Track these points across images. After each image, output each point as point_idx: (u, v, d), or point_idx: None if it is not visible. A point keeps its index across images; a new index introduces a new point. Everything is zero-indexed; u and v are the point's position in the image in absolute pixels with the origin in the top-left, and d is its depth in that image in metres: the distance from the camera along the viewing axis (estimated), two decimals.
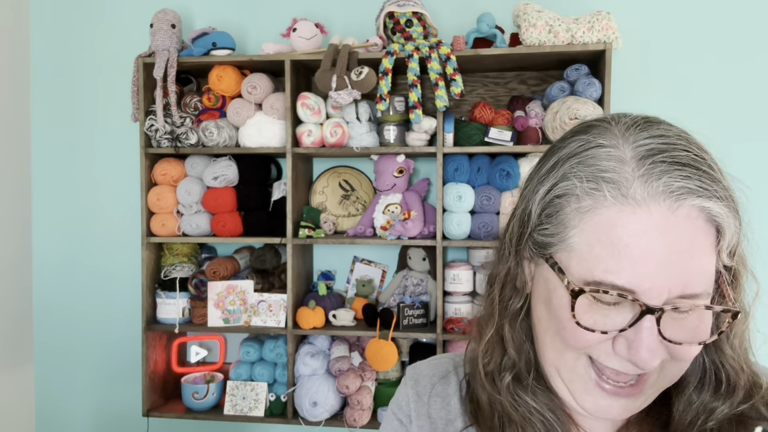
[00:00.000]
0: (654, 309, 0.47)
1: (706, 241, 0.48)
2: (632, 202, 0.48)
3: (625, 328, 0.49)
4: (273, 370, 1.96)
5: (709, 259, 0.49)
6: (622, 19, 1.89)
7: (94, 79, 2.21)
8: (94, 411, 2.27)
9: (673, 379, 0.53)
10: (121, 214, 2.21)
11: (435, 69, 1.72)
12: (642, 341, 0.48)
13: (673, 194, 0.47)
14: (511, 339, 0.60)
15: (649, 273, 0.47)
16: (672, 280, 0.47)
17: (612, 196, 0.48)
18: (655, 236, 0.47)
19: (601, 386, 0.52)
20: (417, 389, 0.70)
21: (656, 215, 0.47)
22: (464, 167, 1.82)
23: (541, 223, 0.54)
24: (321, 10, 2.07)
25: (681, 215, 0.47)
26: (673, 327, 0.49)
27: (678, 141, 0.50)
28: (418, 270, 1.97)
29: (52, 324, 2.27)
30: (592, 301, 0.50)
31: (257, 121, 1.88)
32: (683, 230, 0.47)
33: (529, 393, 0.59)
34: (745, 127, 1.90)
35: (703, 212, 0.48)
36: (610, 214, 0.48)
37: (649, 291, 0.47)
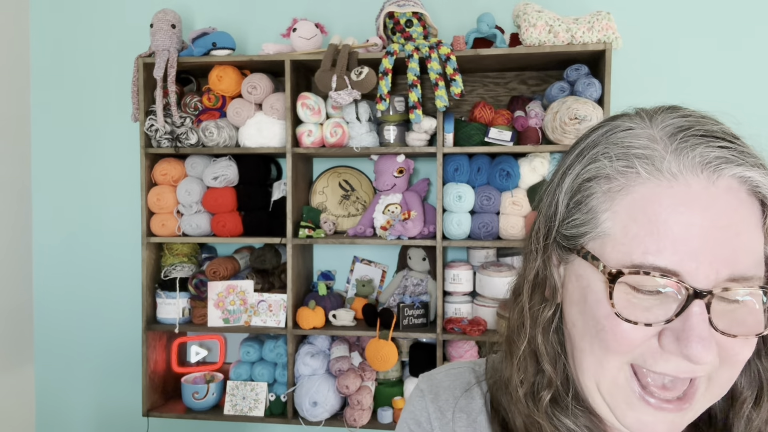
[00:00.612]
0: (703, 292, 0.43)
1: (752, 216, 0.44)
2: (668, 176, 0.44)
3: (672, 319, 0.44)
4: (273, 370, 1.96)
5: (757, 238, 0.44)
6: (622, 19, 1.90)
7: (94, 79, 2.21)
8: (94, 411, 2.27)
9: (722, 389, 0.47)
10: (121, 214, 2.21)
11: (435, 69, 1.72)
12: (693, 329, 0.43)
13: (710, 165, 0.44)
14: (545, 352, 0.54)
15: (693, 251, 0.43)
16: (719, 259, 0.43)
17: (646, 171, 0.45)
18: (696, 211, 0.43)
19: (645, 400, 0.46)
20: (438, 404, 0.62)
21: (695, 188, 0.44)
22: (464, 167, 1.82)
23: (569, 214, 0.50)
24: (321, 10, 2.07)
25: (722, 187, 0.44)
26: (725, 318, 0.44)
27: (706, 117, 0.48)
28: (418, 270, 1.97)
29: (52, 324, 2.27)
30: (630, 294, 0.45)
31: (257, 121, 1.88)
32: (726, 203, 0.43)
33: (570, 415, 0.53)
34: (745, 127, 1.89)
35: (744, 183, 0.44)
36: (645, 190, 0.45)
37: (695, 272, 0.43)
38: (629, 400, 0.47)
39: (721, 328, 0.43)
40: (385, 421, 1.85)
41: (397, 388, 1.93)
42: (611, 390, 0.48)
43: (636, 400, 0.47)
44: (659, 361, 0.45)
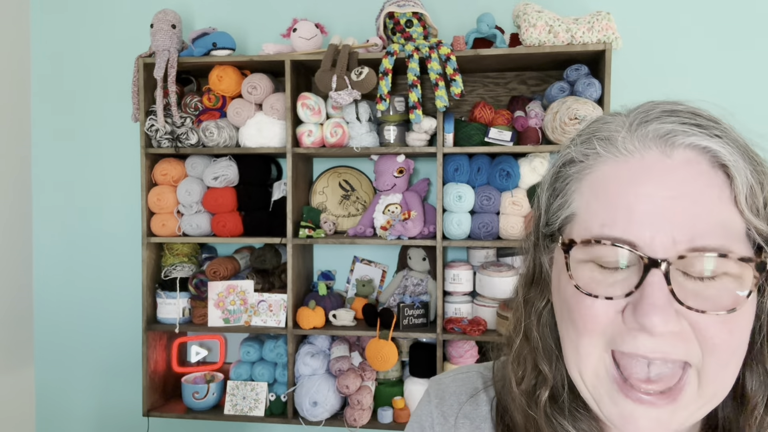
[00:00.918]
0: (658, 261, 0.42)
1: (714, 187, 0.43)
2: (625, 153, 0.46)
3: (632, 291, 0.43)
4: (273, 370, 1.96)
5: (723, 210, 0.43)
6: (622, 19, 1.90)
7: (94, 80, 2.21)
8: (95, 411, 2.27)
9: (717, 388, 0.45)
10: (121, 214, 2.21)
11: (435, 69, 1.72)
12: (647, 297, 0.42)
13: (664, 137, 0.44)
14: (540, 347, 0.54)
15: (647, 220, 0.43)
16: (675, 228, 0.42)
17: (605, 150, 0.47)
18: (649, 182, 0.43)
19: (626, 393, 0.45)
20: (442, 409, 0.62)
21: (649, 160, 0.44)
22: (464, 167, 1.82)
23: (549, 203, 0.51)
24: (321, 10, 2.08)
25: (678, 159, 0.44)
26: (691, 294, 0.43)
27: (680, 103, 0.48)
28: (418, 270, 1.97)
29: (52, 324, 2.27)
30: (595, 271, 0.45)
31: (257, 122, 1.88)
32: (682, 174, 0.43)
33: (568, 418, 0.52)
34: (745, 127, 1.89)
35: (704, 154, 0.44)
36: (605, 168, 0.47)
37: (651, 241, 0.42)
38: (611, 393, 0.46)
39: (687, 303, 0.42)
40: (385, 421, 1.86)
41: (397, 388, 1.93)
42: (594, 382, 0.47)
43: (617, 392, 0.45)
44: (627, 339, 0.44)
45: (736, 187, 0.43)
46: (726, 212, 0.43)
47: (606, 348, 0.46)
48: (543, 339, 0.54)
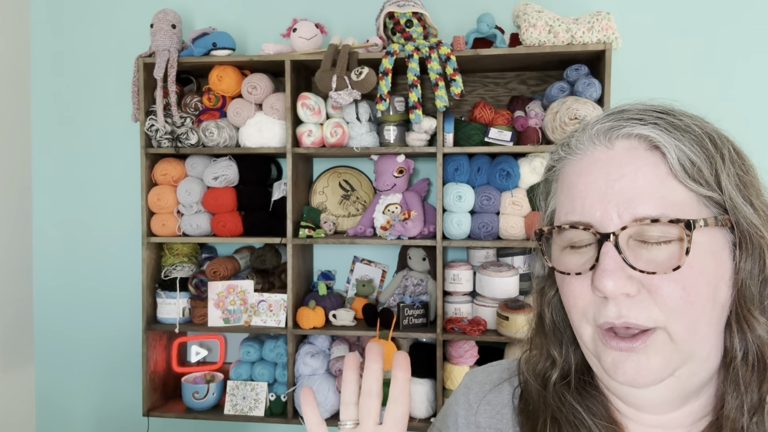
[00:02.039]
0: (607, 234, 0.49)
1: (650, 166, 0.50)
2: (578, 152, 0.54)
3: (594, 264, 0.50)
4: (273, 370, 1.96)
5: (661, 184, 0.49)
6: (622, 19, 1.90)
7: (94, 80, 2.21)
8: (95, 411, 2.27)
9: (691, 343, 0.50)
10: (121, 214, 2.21)
11: (435, 69, 1.72)
12: (601, 265, 0.49)
13: (606, 133, 0.53)
14: (552, 332, 0.61)
15: (596, 202, 0.51)
16: (619, 205, 0.49)
17: (566, 153, 0.56)
18: (596, 171, 0.52)
19: (611, 344, 0.51)
20: (468, 396, 0.69)
21: (596, 155, 0.53)
22: (464, 167, 1.82)
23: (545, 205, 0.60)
24: (321, 10, 2.08)
25: (619, 149, 0.51)
26: (642, 259, 0.49)
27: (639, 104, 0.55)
28: (418, 270, 1.97)
29: (52, 324, 2.27)
30: (570, 253, 0.54)
31: (257, 121, 1.88)
32: (622, 160, 0.51)
33: (575, 394, 0.59)
34: (745, 127, 1.90)
35: (640, 140, 0.51)
36: (567, 168, 0.55)
37: (601, 219, 0.50)
38: (604, 348, 0.52)
39: (638, 266, 0.49)
40: None
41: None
42: (592, 345, 0.54)
43: (605, 346, 0.52)
44: (601, 309, 0.51)
45: (669, 161, 0.49)
46: (665, 186, 0.49)
47: (592, 323, 0.53)
48: (554, 325, 0.62)
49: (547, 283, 0.62)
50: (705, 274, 0.49)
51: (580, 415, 0.57)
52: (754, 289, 0.51)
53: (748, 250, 0.50)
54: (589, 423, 0.56)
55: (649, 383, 0.50)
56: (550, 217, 0.59)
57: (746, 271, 0.51)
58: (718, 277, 0.50)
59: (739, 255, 0.51)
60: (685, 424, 0.56)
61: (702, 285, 0.49)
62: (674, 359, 0.50)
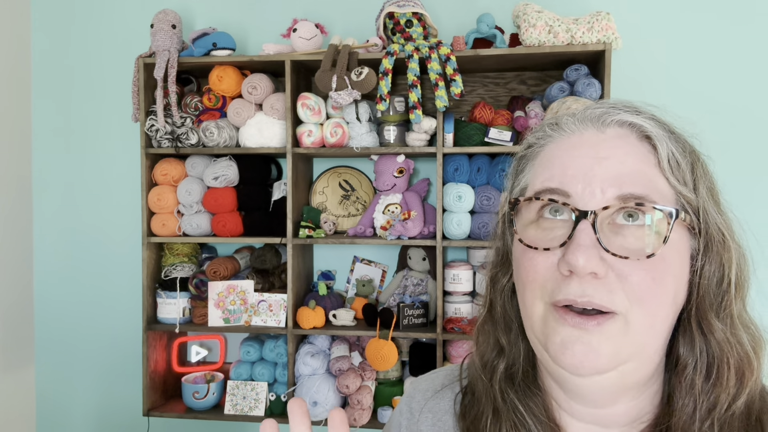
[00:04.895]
0: (587, 212, 0.48)
1: (640, 153, 0.50)
2: (567, 131, 0.54)
3: (566, 241, 0.49)
4: (273, 370, 1.96)
5: (648, 170, 0.49)
6: (622, 19, 1.90)
7: (94, 80, 2.21)
8: (95, 410, 2.27)
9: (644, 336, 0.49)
10: (121, 214, 2.21)
11: (435, 69, 1.73)
12: (575, 240, 0.48)
13: (599, 118, 0.53)
14: (502, 319, 0.60)
15: (580, 175, 0.49)
16: (604, 181, 0.48)
17: (552, 130, 0.55)
18: (584, 148, 0.51)
19: (563, 318, 0.49)
20: (410, 405, 0.68)
21: (585, 135, 0.52)
22: (464, 167, 1.82)
23: (512, 185, 0.59)
24: (321, 10, 2.08)
25: (610, 134, 0.51)
26: (617, 242, 0.48)
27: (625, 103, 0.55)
28: (418, 270, 1.97)
29: (52, 324, 2.27)
30: (536, 224, 0.52)
31: (257, 122, 1.88)
32: (612, 143, 0.50)
33: (518, 391, 0.58)
34: (745, 126, 1.90)
35: (632, 129, 0.51)
36: (552, 145, 0.54)
37: (582, 193, 0.49)
38: (554, 326, 0.50)
39: (611, 249, 0.48)
40: (385, 420, 1.86)
41: (397, 388, 1.93)
42: (541, 326, 0.52)
43: (557, 323, 0.50)
44: (561, 286, 0.49)
45: (659, 154, 0.49)
46: (651, 173, 0.49)
47: (547, 301, 0.51)
48: (504, 312, 0.60)
49: (501, 269, 0.60)
50: (672, 269, 0.49)
51: (521, 414, 0.56)
52: (714, 296, 0.51)
53: (712, 256, 0.51)
54: (529, 423, 0.56)
55: (594, 371, 0.49)
56: (518, 194, 0.56)
57: (708, 276, 0.51)
58: (681, 277, 0.50)
59: (703, 260, 0.51)
60: (621, 423, 0.55)
61: (669, 279, 0.49)
62: (624, 350, 0.49)
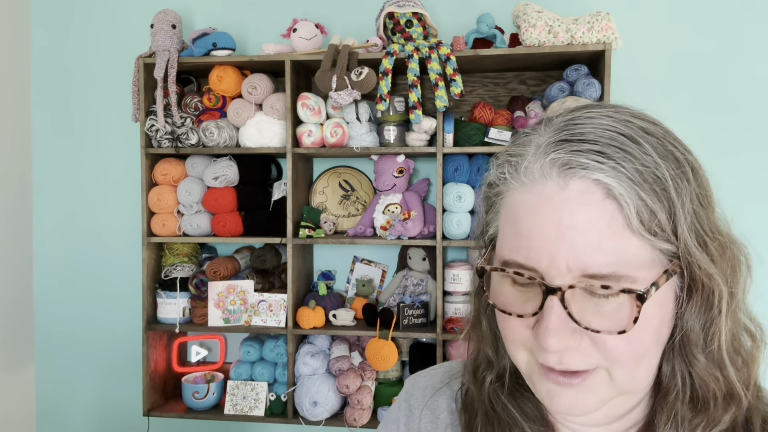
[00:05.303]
0: (553, 288, 0.46)
1: (605, 217, 0.45)
2: (528, 181, 0.48)
3: (537, 311, 0.47)
4: (273, 370, 1.96)
5: (616, 238, 0.45)
6: (622, 19, 1.90)
7: (94, 80, 2.22)
8: (95, 410, 2.27)
9: (630, 382, 0.49)
10: (121, 214, 2.21)
11: (435, 69, 1.73)
12: (544, 320, 0.46)
13: (561, 168, 0.47)
14: (488, 333, 0.59)
15: (544, 249, 0.46)
16: (569, 258, 0.45)
17: (511, 177, 0.50)
18: (547, 212, 0.46)
19: (547, 376, 0.50)
20: (410, 402, 0.68)
21: (548, 191, 0.47)
22: (464, 167, 1.82)
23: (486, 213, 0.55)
24: (321, 10, 2.08)
25: (574, 190, 0.46)
26: (589, 312, 0.46)
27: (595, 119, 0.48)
28: (418, 270, 1.97)
29: (52, 324, 2.27)
30: (514, 287, 0.50)
31: (257, 122, 1.88)
32: (576, 205, 0.46)
33: (509, 396, 0.58)
34: (744, 126, 1.90)
35: (599, 187, 0.45)
36: (515, 194, 0.50)
37: (548, 269, 0.46)
38: (539, 377, 0.51)
39: (583, 323, 0.46)
40: None
41: (398, 388, 1.93)
42: (526, 370, 0.52)
43: (541, 376, 0.50)
44: (539, 352, 0.49)
45: (627, 213, 0.45)
46: (621, 240, 0.45)
47: (529, 352, 0.51)
48: (490, 327, 0.59)
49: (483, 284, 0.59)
50: (650, 326, 0.47)
51: (513, 416, 0.57)
52: (698, 333, 0.50)
53: (697, 296, 0.49)
54: (522, 423, 0.56)
55: (585, 414, 0.50)
56: (491, 239, 0.55)
57: (692, 315, 0.49)
58: (662, 322, 0.49)
59: (687, 300, 0.49)
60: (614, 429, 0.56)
61: (646, 336, 0.47)
62: (611, 394, 0.50)
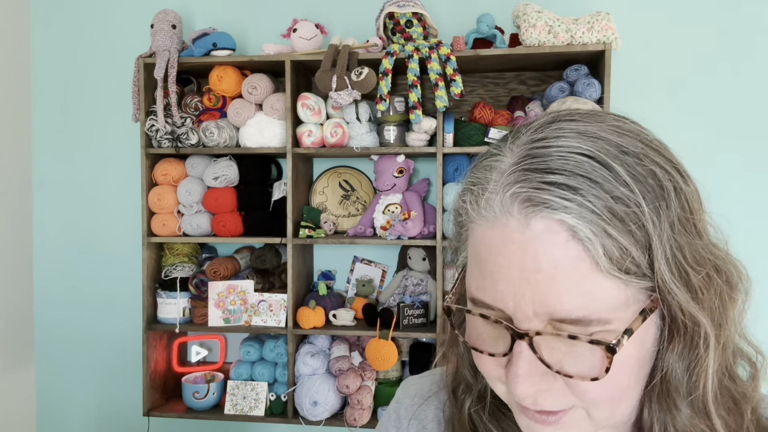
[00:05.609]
0: (521, 333, 0.43)
1: (571, 259, 0.41)
2: (490, 216, 0.44)
3: (507, 352, 0.45)
4: (273, 370, 1.97)
5: (584, 280, 0.41)
6: (621, 19, 1.90)
7: (94, 80, 2.22)
8: (95, 410, 2.27)
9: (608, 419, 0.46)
10: (121, 214, 2.21)
11: (435, 69, 1.73)
12: (513, 366, 0.44)
13: (523, 205, 0.42)
14: (466, 355, 0.56)
15: (510, 293, 0.43)
16: (535, 303, 0.42)
17: (473, 210, 0.46)
18: (509, 253, 0.43)
19: (524, 411, 0.48)
20: (399, 411, 0.67)
21: (510, 229, 0.43)
22: (464, 167, 1.82)
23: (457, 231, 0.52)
24: (321, 10, 2.08)
25: (538, 229, 0.42)
26: (562, 352, 0.44)
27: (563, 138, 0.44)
28: (418, 270, 1.97)
29: (52, 324, 2.28)
30: (483, 321, 0.47)
31: (258, 122, 1.88)
32: (540, 246, 0.42)
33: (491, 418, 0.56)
34: (744, 126, 1.90)
35: (562, 227, 0.41)
36: (477, 229, 0.46)
37: (514, 313, 0.43)
38: (517, 411, 0.49)
39: (555, 367, 0.43)
40: None
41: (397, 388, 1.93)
42: (507, 400, 0.50)
43: (519, 411, 0.49)
44: (513, 390, 0.45)
45: (595, 256, 0.41)
46: (589, 282, 0.41)
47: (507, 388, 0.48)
48: (467, 348, 0.55)
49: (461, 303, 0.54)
50: (626, 366, 0.44)
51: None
52: (681, 377, 0.46)
53: (679, 338, 0.45)
54: None
55: None
56: (461, 268, 0.52)
57: (674, 357, 0.46)
58: (642, 360, 0.46)
59: (667, 342, 0.46)
60: None
61: (623, 378, 0.44)
62: (591, 430, 0.48)
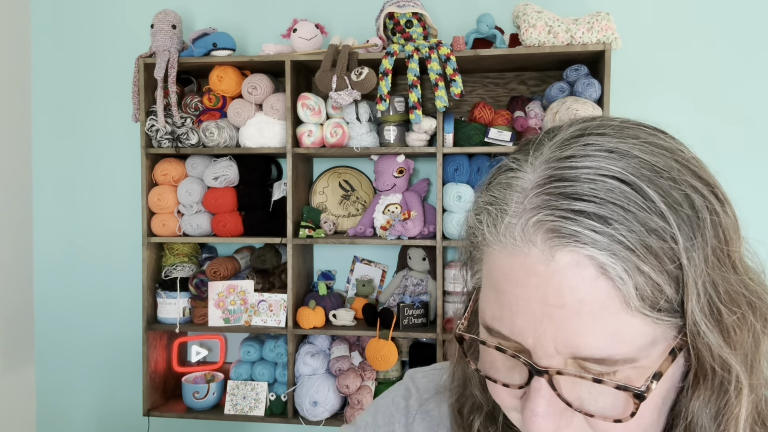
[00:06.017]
0: (540, 370, 0.40)
1: (600, 295, 0.38)
2: (509, 242, 0.41)
3: (524, 385, 0.42)
4: (273, 370, 1.97)
5: (610, 319, 0.38)
6: (621, 19, 1.90)
7: (95, 80, 2.22)
8: (95, 410, 2.27)
9: None
10: (121, 214, 2.21)
11: (435, 69, 1.73)
12: (530, 403, 0.41)
13: (548, 234, 0.39)
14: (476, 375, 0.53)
15: (529, 327, 0.40)
16: (557, 340, 0.39)
17: (490, 233, 0.42)
18: (531, 286, 0.40)
19: None
20: (408, 402, 0.63)
21: (532, 260, 0.39)
22: (464, 167, 1.82)
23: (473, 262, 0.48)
24: (321, 10, 2.08)
25: (564, 262, 0.38)
26: (583, 390, 0.41)
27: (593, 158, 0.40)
28: (418, 270, 1.97)
29: (52, 324, 2.28)
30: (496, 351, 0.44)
31: (258, 122, 1.88)
32: (564, 281, 0.38)
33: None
34: (744, 126, 1.90)
35: (591, 262, 0.38)
36: (495, 255, 0.42)
37: (534, 348, 0.40)
38: None
39: (575, 405, 0.41)
40: None
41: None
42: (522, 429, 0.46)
43: None
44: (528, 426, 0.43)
45: (625, 295, 0.38)
46: (618, 322, 0.38)
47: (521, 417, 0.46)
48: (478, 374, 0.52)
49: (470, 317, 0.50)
50: (651, 404, 0.41)
51: None
52: (708, 426, 0.43)
53: (706, 383, 0.42)
54: None
55: None
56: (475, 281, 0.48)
57: (699, 405, 0.42)
58: (667, 395, 0.43)
59: (693, 387, 0.42)
60: None
61: (648, 414, 0.41)
62: None
